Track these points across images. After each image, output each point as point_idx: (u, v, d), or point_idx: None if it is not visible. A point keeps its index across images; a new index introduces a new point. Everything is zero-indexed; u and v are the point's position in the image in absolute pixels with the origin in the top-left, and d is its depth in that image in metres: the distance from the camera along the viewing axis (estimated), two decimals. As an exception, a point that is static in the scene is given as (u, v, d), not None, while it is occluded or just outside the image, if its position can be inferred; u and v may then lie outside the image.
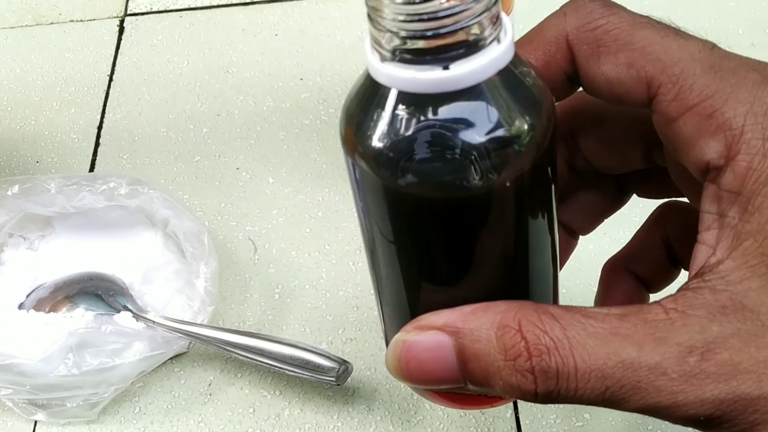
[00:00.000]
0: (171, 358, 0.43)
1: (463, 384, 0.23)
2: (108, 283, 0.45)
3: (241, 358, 0.41)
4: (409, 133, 0.21)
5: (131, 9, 0.63)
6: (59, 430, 0.42)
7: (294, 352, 0.39)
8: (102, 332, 0.40)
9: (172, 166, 0.52)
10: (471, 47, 0.21)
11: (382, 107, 0.21)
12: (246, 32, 0.60)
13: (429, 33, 0.20)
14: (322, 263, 0.47)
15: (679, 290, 0.22)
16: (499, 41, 0.21)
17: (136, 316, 0.42)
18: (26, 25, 0.63)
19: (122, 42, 0.60)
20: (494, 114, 0.21)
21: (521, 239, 0.24)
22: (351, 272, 0.47)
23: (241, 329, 0.44)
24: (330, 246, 0.48)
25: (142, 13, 0.62)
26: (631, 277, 0.31)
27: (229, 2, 0.62)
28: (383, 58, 0.21)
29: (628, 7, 0.25)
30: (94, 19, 0.62)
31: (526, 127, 0.22)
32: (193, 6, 0.62)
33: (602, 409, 0.22)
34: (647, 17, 0.24)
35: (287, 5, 0.61)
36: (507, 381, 0.22)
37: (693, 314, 0.22)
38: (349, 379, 0.40)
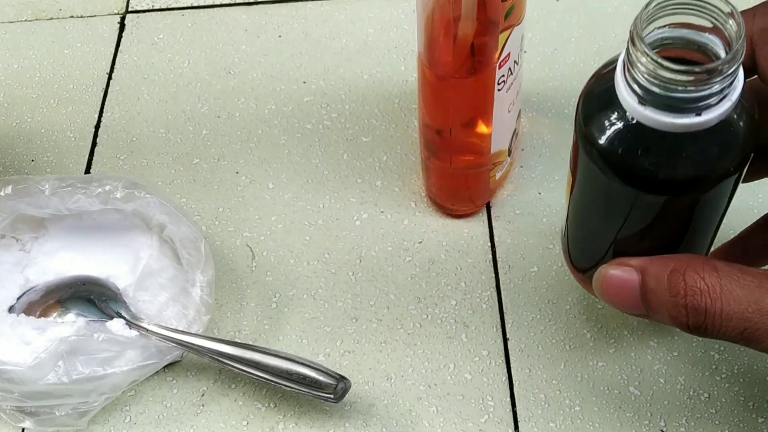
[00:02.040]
0: (164, 367, 0.42)
1: (644, 311, 0.30)
2: (101, 288, 0.43)
3: (236, 370, 0.39)
4: (666, 159, 0.29)
5: (132, 6, 0.61)
6: (47, 438, 0.41)
7: (291, 366, 0.38)
8: (94, 340, 0.38)
9: (170, 168, 0.51)
10: (718, 97, 0.27)
11: (637, 139, 0.29)
12: (249, 33, 0.59)
13: (688, 96, 0.27)
14: (321, 272, 0.46)
15: None
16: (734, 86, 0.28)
17: (130, 324, 0.41)
18: (25, 20, 0.61)
19: (122, 39, 0.59)
20: (731, 139, 0.28)
21: (703, 226, 0.32)
22: (350, 282, 0.46)
23: (236, 339, 0.43)
24: (330, 255, 0.47)
25: (144, 11, 0.61)
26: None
27: (232, 2, 0.61)
28: (641, 102, 0.28)
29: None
30: (95, 16, 0.61)
31: (748, 147, 0.29)
32: (195, 5, 0.61)
33: (605, 429, 0.25)
34: None
35: (291, 6, 0.60)
36: (670, 312, 0.29)
37: None
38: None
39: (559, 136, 0.50)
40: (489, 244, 0.46)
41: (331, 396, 0.38)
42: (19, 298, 0.44)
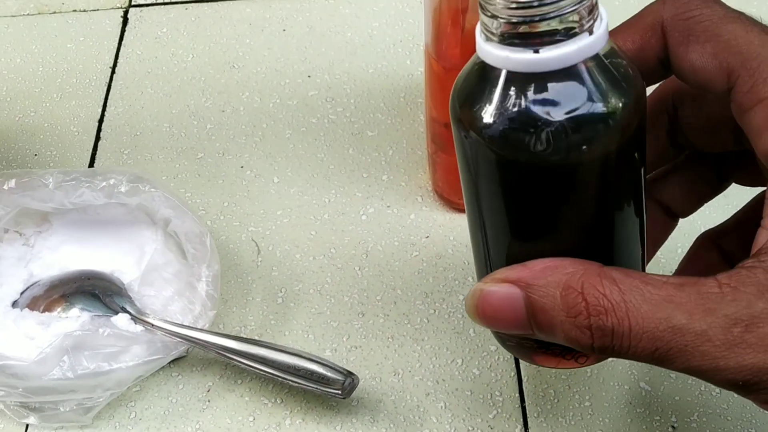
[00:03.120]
0: (169, 362, 0.42)
1: (531, 331, 0.27)
2: (106, 283, 0.43)
3: (243, 366, 0.39)
4: (511, 108, 0.25)
5: (135, 0, 0.61)
6: (52, 434, 0.41)
7: (298, 361, 0.38)
8: (99, 335, 0.38)
9: (175, 163, 0.51)
10: (563, 35, 0.24)
11: (490, 86, 0.25)
12: (253, 26, 0.58)
13: (527, 20, 0.24)
14: (327, 267, 0.46)
15: (735, 267, 0.25)
16: (591, 33, 0.24)
17: (135, 319, 0.41)
18: (28, 14, 0.61)
19: (126, 33, 0.59)
20: (583, 94, 0.25)
21: (603, 212, 0.27)
22: (357, 277, 0.45)
23: (242, 334, 0.43)
24: (336, 250, 0.46)
25: (147, 5, 0.61)
26: (717, 251, 0.34)
27: (236, -5, 0.60)
28: (488, 40, 0.25)
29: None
30: (98, 10, 0.61)
31: (611, 107, 0.25)
32: (199, -2, 0.60)
33: (615, 425, 0.23)
34: (739, 12, 0.27)
35: (296, 0, 0.60)
36: (568, 334, 0.26)
37: (743, 290, 0.24)
38: (353, 390, 0.39)
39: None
40: (496, 238, 0.46)
41: (339, 392, 0.37)
42: (22, 293, 0.44)
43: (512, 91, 0.25)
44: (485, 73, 0.25)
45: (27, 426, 0.41)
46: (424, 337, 0.43)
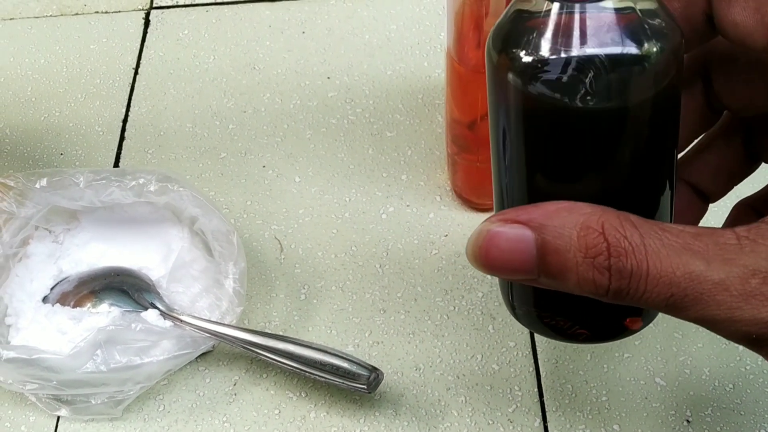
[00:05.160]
0: (196, 357, 0.43)
1: (535, 276, 0.26)
2: (134, 279, 0.44)
3: (270, 361, 0.40)
4: (550, 50, 0.26)
5: (157, 2, 0.62)
6: (82, 426, 0.42)
7: (324, 357, 0.39)
8: (132, 330, 0.39)
9: (198, 162, 0.52)
10: None
11: (528, 30, 0.26)
12: (273, 29, 0.60)
13: None
14: (349, 265, 0.47)
15: (755, 223, 0.24)
16: None
17: (164, 315, 0.42)
18: (51, 15, 0.62)
19: (148, 35, 0.60)
20: (623, 37, 0.25)
21: (635, 162, 0.27)
22: (378, 275, 0.46)
23: (266, 330, 0.44)
24: (357, 248, 0.48)
25: (168, 7, 0.62)
26: (756, 216, 0.33)
27: (255, -2, 0.61)
28: None
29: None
30: (120, 11, 0.62)
31: (649, 52, 0.25)
32: (219, 1, 0.62)
33: (632, 419, 0.24)
34: None
35: (314, 2, 0.61)
36: (583, 276, 0.25)
37: (762, 243, 0.24)
38: (377, 384, 0.40)
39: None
40: (514, 237, 0.47)
41: (365, 386, 0.38)
42: (52, 289, 0.45)
43: (550, 33, 0.25)
44: (523, 19, 0.26)
45: (58, 418, 0.42)
46: (445, 333, 0.44)
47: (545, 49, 0.26)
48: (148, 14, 0.62)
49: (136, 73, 0.58)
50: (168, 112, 0.55)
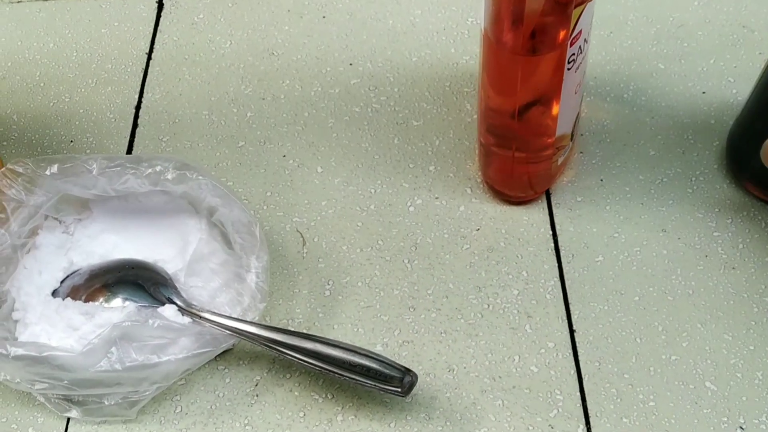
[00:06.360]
0: (216, 356, 0.40)
1: None
2: (150, 273, 0.42)
3: (294, 360, 0.38)
4: None
5: (170, -15, 0.60)
6: (94, 428, 0.39)
7: (353, 357, 0.37)
8: (149, 326, 0.37)
9: (215, 151, 0.50)
10: None
11: None
12: (292, 13, 0.57)
13: None
14: (375, 259, 0.44)
15: None
16: None
17: (182, 310, 0.39)
18: (60, -2, 0.60)
19: (161, 19, 0.57)
20: None
21: None
22: (406, 270, 0.44)
23: (289, 327, 0.42)
24: (383, 242, 0.45)
25: (182, -10, 0.59)
26: None
27: (273, -19, 0.59)
28: None
29: None
30: (132, -5, 0.59)
31: None
32: (235, -16, 0.59)
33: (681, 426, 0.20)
34: None
35: (335, -13, 0.58)
36: None
37: None
38: (410, 386, 0.37)
39: (619, 121, 0.48)
40: (550, 232, 0.45)
41: (399, 390, 0.36)
42: (62, 282, 0.42)
43: None
44: None
45: (68, 420, 0.40)
46: (478, 333, 0.41)
47: None
48: (161, -2, 0.59)
49: (149, 58, 0.55)
50: (183, 99, 0.52)
